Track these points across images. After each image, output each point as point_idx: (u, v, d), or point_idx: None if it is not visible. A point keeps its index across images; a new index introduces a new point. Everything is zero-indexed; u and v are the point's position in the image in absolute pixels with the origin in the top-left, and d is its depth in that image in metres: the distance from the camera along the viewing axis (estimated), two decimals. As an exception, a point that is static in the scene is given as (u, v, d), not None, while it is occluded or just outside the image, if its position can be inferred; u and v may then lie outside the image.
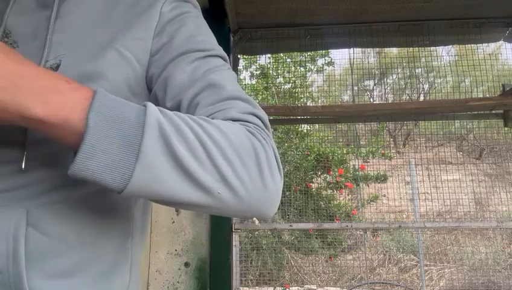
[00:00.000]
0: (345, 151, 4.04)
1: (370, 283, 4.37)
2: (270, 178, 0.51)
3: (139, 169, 0.42)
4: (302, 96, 4.31)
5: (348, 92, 4.19)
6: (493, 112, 2.61)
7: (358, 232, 4.78)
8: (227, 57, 0.63)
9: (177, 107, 0.56)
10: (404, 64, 3.49)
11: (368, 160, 4.16)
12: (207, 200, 0.47)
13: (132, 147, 0.42)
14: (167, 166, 0.43)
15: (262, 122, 0.56)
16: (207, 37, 0.62)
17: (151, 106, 0.45)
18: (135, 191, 0.43)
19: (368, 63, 3.75)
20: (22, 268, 0.46)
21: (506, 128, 2.88)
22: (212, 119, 0.52)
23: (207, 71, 0.57)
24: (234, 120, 0.53)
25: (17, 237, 0.47)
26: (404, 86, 5.49)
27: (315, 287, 4.42)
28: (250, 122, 0.54)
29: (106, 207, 0.56)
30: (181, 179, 0.44)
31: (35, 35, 0.55)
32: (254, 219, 2.24)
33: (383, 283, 4.57)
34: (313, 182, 4.09)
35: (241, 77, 4.52)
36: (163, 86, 0.57)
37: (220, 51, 0.62)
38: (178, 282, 2.27)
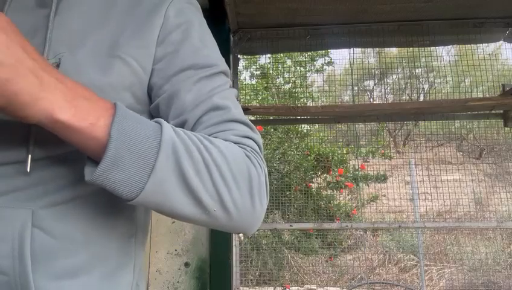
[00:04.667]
0: (345, 151, 4.05)
1: (370, 283, 4.37)
2: (259, 202, 0.55)
3: (150, 183, 0.45)
4: (302, 96, 4.31)
5: (348, 92, 4.19)
6: (493, 112, 2.61)
7: (358, 232, 4.78)
8: (228, 71, 0.65)
9: (181, 126, 0.58)
10: (404, 64, 3.50)
11: (367, 160, 4.16)
12: (202, 216, 0.51)
13: (148, 162, 0.45)
14: (175, 182, 0.47)
15: (258, 146, 0.60)
16: (211, 51, 0.63)
17: (165, 125, 0.48)
18: (143, 202, 0.47)
19: (368, 63, 3.75)
20: (28, 269, 0.47)
21: (506, 129, 2.88)
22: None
23: (211, 91, 0.59)
24: (233, 142, 0.56)
25: (22, 239, 0.47)
26: (404, 86, 5.49)
27: (315, 287, 4.42)
28: (248, 146, 0.57)
29: (110, 207, 0.56)
30: (184, 195, 0.48)
31: (34, 34, 0.54)
32: (240, 234, 2.31)
33: (383, 282, 4.57)
34: (313, 182, 4.09)
35: (241, 77, 4.52)
36: (167, 102, 0.58)
37: (223, 65, 0.63)
38: (178, 282, 2.27)
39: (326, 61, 4.68)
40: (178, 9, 0.61)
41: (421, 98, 5.75)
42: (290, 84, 4.63)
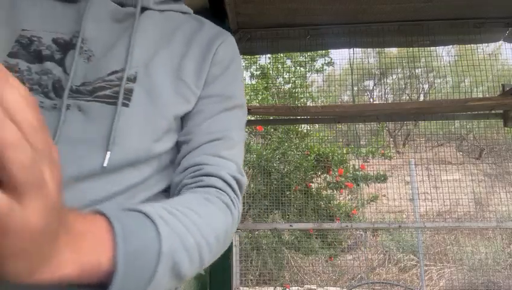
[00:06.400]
0: (344, 151, 4.04)
1: (370, 283, 4.37)
2: (228, 241, 0.60)
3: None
4: (302, 96, 4.31)
5: (347, 92, 4.19)
6: (493, 112, 2.61)
7: (358, 232, 4.78)
8: (245, 105, 0.73)
9: (186, 142, 0.64)
10: (404, 64, 3.49)
11: (367, 160, 4.16)
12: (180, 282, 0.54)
13: (147, 274, 0.45)
14: (169, 277, 0.49)
15: (240, 187, 0.65)
16: (239, 86, 0.72)
17: (163, 231, 0.47)
18: None
19: (368, 63, 3.75)
20: None
21: (506, 129, 2.88)
22: (203, 167, 0.61)
23: (225, 123, 0.66)
24: (223, 179, 0.62)
25: None
26: (404, 86, 5.49)
27: (315, 287, 4.42)
28: (232, 189, 0.63)
29: None
30: (173, 280, 0.50)
31: (112, 47, 0.60)
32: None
33: (382, 282, 4.57)
34: (313, 182, 4.09)
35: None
36: (187, 118, 0.65)
37: (243, 99, 0.72)
38: (178, 282, 2.27)
39: (326, 62, 4.68)
40: (226, 48, 0.71)
41: (421, 98, 5.76)
42: (290, 84, 4.63)
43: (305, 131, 4.22)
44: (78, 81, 0.57)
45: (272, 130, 4.23)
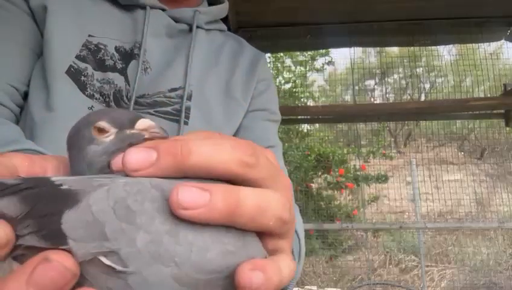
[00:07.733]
0: (345, 151, 4.03)
1: (371, 284, 4.35)
2: None
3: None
4: (303, 96, 4.30)
5: (348, 91, 4.18)
6: (494, 111, 2.59)
7: (358, 232, 4.76)
8: (280, 117, 0.78)
9: None
10: (405, 63, 3.48)
11: (368, 160, 4.15)
12: None
13: (296, 261, 0.51)
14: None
15: None
16: (276, 102, 0.79)
17: (300, 230, 0.54)
18: None
19: (369, 62, 3.73)
20: None
21: (507, 128, 2.87)
22: None
23: (273, 133, 0.72)
24: None
25: None
26: (405, 86, 5.47)
27: (315, 288, 4.41)
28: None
29: None
30: None
31: (170, 63, 0.62)
32: None
33: (383, 283, 4.55)
34: (313, 182, 4.07)
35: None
36: (238, 131, 0.69)
37: (279, 114, 0.78)
38: (177, 283, 2.26)
39: (326, 61, 4.66)
40: (266, 67, 0.77)
41: (422, 98, 5.73)
42: (291, 84, 4.61)
43: (305, 131, 4.21)
44: (138, 92, 0.59)
45: (272, 130, 4.22)
